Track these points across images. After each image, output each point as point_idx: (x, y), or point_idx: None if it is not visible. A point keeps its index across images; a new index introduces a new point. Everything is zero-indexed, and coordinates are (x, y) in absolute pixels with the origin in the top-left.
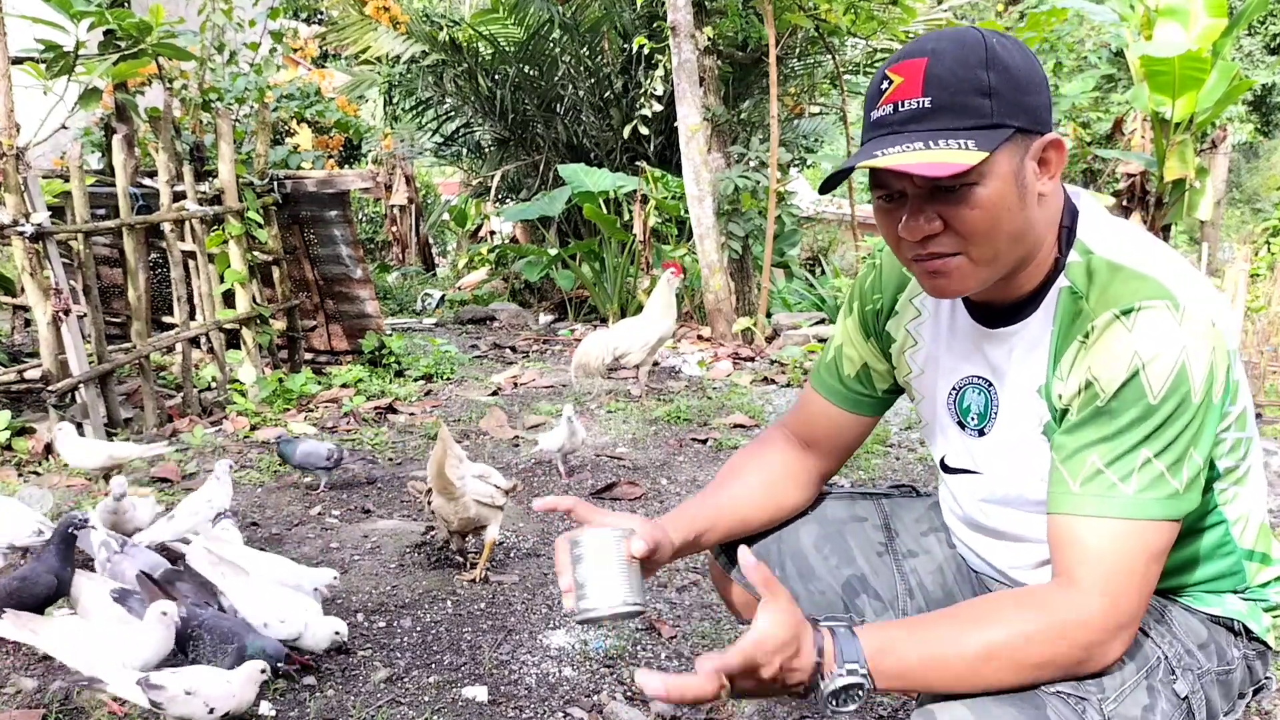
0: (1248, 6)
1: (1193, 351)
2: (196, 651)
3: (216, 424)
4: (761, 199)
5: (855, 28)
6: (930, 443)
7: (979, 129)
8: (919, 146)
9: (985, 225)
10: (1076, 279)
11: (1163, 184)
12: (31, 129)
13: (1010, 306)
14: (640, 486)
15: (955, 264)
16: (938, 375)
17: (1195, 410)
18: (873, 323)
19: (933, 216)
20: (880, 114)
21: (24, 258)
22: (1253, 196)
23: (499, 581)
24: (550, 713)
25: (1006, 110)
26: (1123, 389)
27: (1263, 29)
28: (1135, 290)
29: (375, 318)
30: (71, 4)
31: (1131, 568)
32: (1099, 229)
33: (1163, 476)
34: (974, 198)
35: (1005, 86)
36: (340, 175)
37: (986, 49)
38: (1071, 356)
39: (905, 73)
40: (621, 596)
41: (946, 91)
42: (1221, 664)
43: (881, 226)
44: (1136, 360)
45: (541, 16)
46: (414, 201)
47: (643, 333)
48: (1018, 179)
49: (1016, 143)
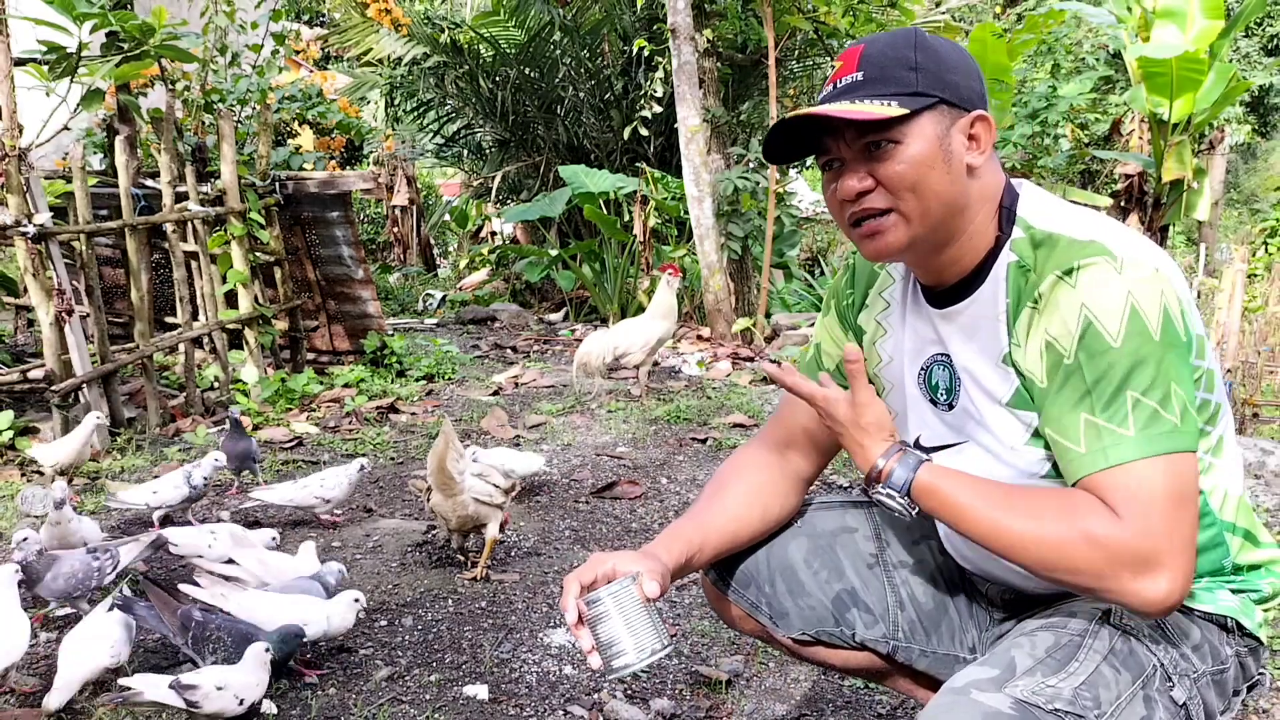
0: (1245, 8)
1: (1140, 295)
2: (217, 654)
3: (219, 424)
4: (761, 200)
5: (854, 30)
6: (903, 430)
7: (903, 94)
8: (845, 103)
9: (911, 179)
10: (1023, 253)
11: (1160, 185)
12: (34, 130)
13: (956, 286)
14: (640, 486)
15: (888, 222)
16: (904, 359)
17: (1159, 347)
18: (849, 316)
19: (865, 175)
20: (823, 93)
21: (27, 258)
22: (1250, 197)
23: (500, 580)
24: (551, 711)
25: (930, 83)
26: (1082, 342)
27: (1260, 30)
28: (1075, 252)
29: (377, 318)
30: (74, 6)
31: (1159, 503)
32: (1037, 207)
33: (1156, 412)
34: (899, 154)
35: (930, 64)
36: (342, 176)
37: (916, 35)
38: (1026, 323)
39: (845, 58)
40: (652, 645)
41: (876, 66)
42: (1215, 664)
43: (827, 200)
44: (1085, 312)
45: (542, 19)
46: (415, 202)
47: (643, 333)
48: (942, 145)
49: (941, 112)
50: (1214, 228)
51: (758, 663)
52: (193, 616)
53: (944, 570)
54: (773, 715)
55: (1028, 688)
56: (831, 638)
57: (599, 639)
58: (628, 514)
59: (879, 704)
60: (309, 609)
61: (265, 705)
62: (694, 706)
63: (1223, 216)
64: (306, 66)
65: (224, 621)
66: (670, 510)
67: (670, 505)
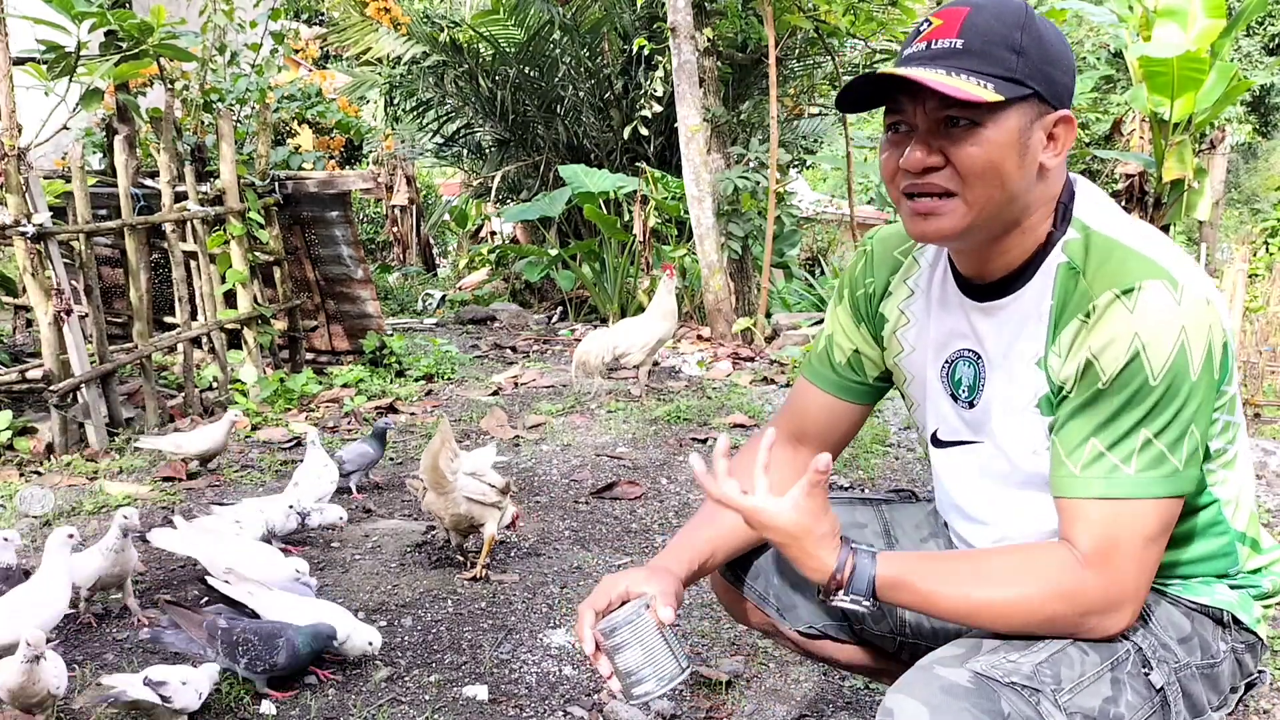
0: (1246, 7)
1: (1191, 330)
2: (248, 656)
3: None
4: (761, 199)
5: (854, 29)
6: (920, 422)
7: (1001, 78)
8: (942, 73)
9: (983, 167)
10: (1074, 255)
11: (1161, 184)
12: (33, 130)
13: (1000, 281)
14: (640, 486)
15: (947, 206)
16: (928, 350)
17: (1193, 387)
18: (865, 307)
19: (936, 150)
20: (912, 50)
21: (26, 258)
22: (1251, 197)
23: (499, 581)
24: (550, 712)
25: (1029, 72)
26: (1123, 371)
27: (1261, 30)
28: (1134, 269)
29: (376, 318)
30: (73, 5)
31: (1132, 545)
32: (1095, 208)
33: (1163, 455)
34: (979, 137)
35: (1034, 51)
36: (341, 176)
37: (1026, 14)
38: (1072, 334)
39: (946, 17)
40: (670, 672)
41: (979, 38)
42: (1205, 657)
43: (883, 160)
44: (1137, 342)
45: (542, 18)
46: (415, 202)
47: (643, 333)
48: (1023, 138)
49: (1031, 105)
50: (1215, 227)
51: (758, 663)
52: (218, 625)
53: None
54: (773, 716)
55: (988, 663)
56: (838, 632)
57: (618, 668)
58: (627, 514)
59: (879, 704)
60: (339, 616)
61: (264, 706)
62: (694, 707)
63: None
64: (305, 66)
65: (248, 624)
66: (670, 510)
67: (670, 505)
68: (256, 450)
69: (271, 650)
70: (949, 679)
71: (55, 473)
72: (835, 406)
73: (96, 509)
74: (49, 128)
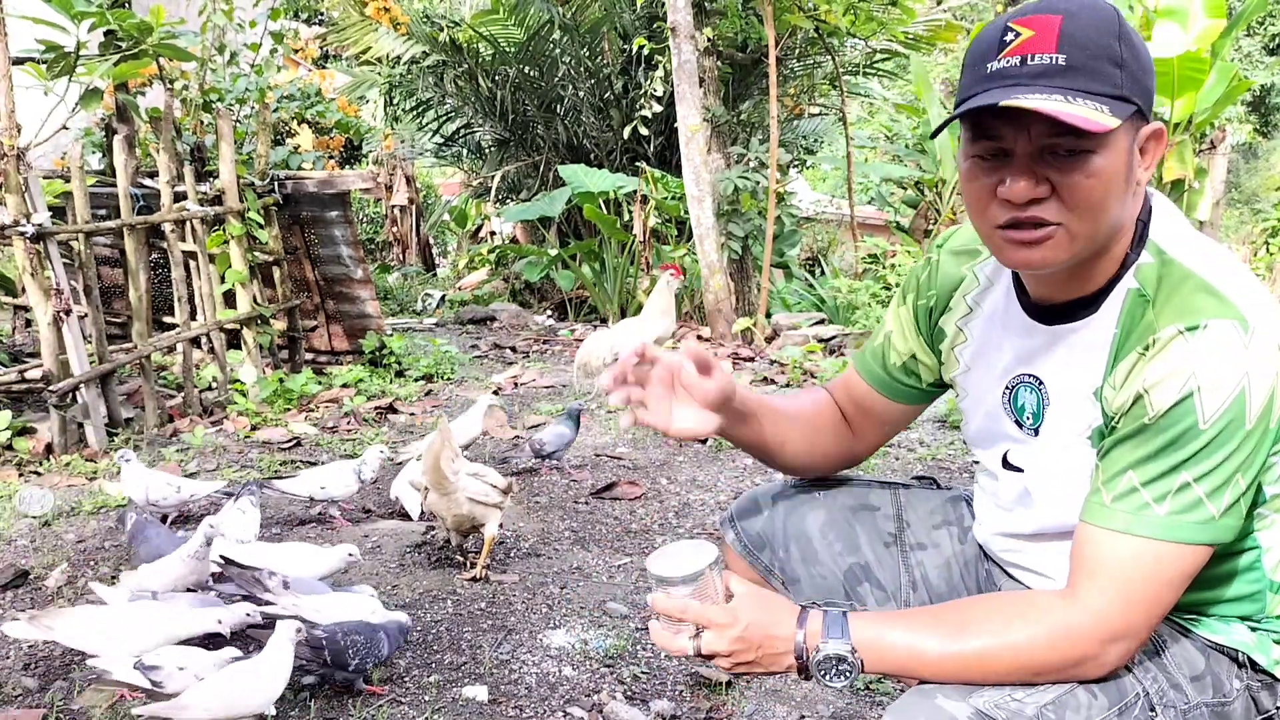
0: (1246, 7)
1: (1255, 377)
2: (359, 656)
3: (217, 424)
4: (761, 199)
5: (855, 29)
6: (981, 444)
7: (1111, 97)
8: (1058, 98)
9: (1096, 197)
10: (1146, 282)
11: (1161, 184)
12: (32, 129)
13: (1071, 303)
14: (640, 486)
15: (1052, 235)
16: (989, 373)
17: (1246, 436)
18: (925, 318)
19: (1042, 179)
20: (1002, 65)
21: (25, 258)
22: (1251, 197)
23: (499, 581)
24: (550, 712)
25: (1132, 86)
26: (1171, 410)
27: (1261, 29)
28: (1204, 305)
29: (376, 318)
30: (72, 5)
31: (1143, 588)
32: (1173, 231)
33: (1200, 501)
34: (1091, 166)
35: (1134, 63)
36: (341, 176)
37: (1119, 21)
38: (1129, 365)
39: (1036, 27)
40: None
41: (1084, 53)
42: (1217, 696)
43: (971, 188)
44: (1193, 382)
45: (542, 17)
46: (414, 202)
47: (642, 333)
48: (1130, 158)
49: (1134, 122)
50: (1215, 228)
51: None
52: (318, 636)
53: (960, 558)
54: (773, 716)
55: (992, 700)
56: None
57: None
58: (627, 515)
59: (880, 704)
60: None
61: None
62: (694, 708)
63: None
64: (305, 65)
65: (346, 626)
66: (670, 510)
67: (670, 505)
68: (256, 450)
69: (376, 646)
70: (949, 712)
71: (54, 473)
72: (882, 405)
73: (96, 509)
74: (48, 128)
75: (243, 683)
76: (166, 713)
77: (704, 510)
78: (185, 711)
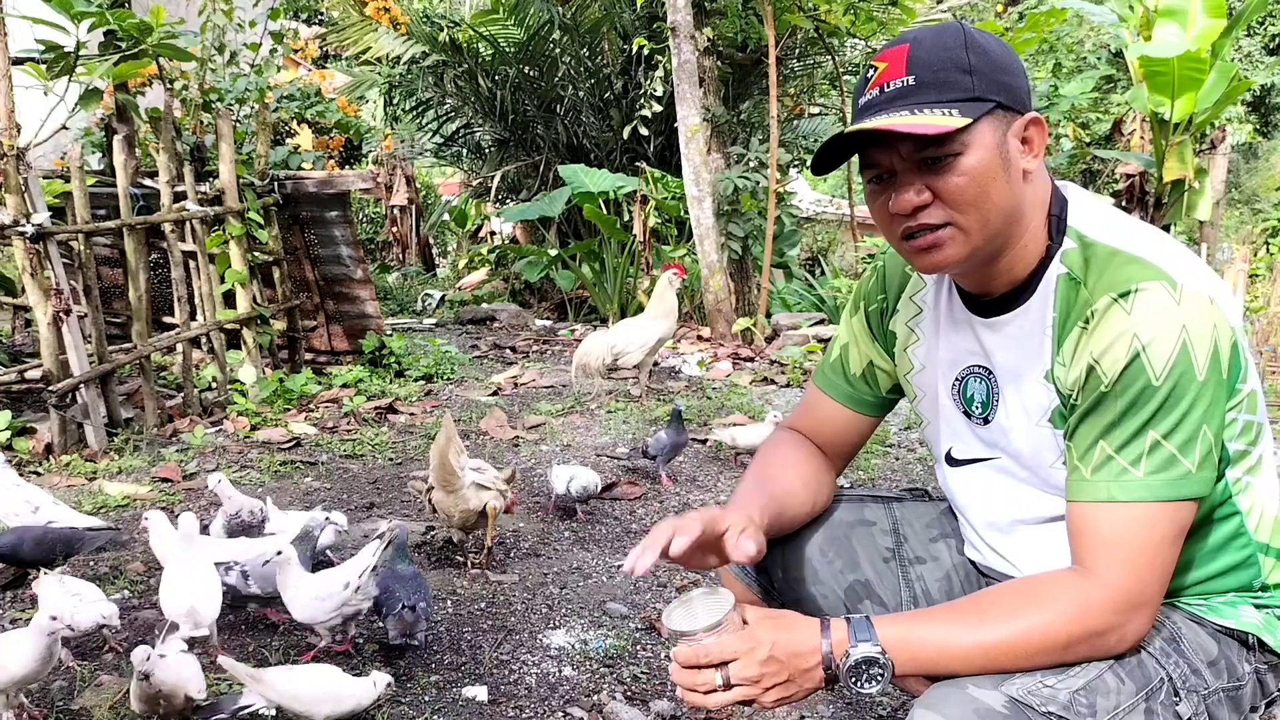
0: (1247, 7)
1: (1194, 329)
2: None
3: (217, 424)
4: (761, 199)
5: (855, 28)
6: (933, 440)
7: (962, 100)
8: (905, 114)
9: (973, 193)
10: (1074, 266)
11: (1161, 185)
12: (32, 129)
13: (1003, 296)
14: (640, 486)
15: (945, 235)
16: (938, 368)
17: (1200, 387)
18: (877, 322)
19: (921, 188)
20: (867, 98)
21: (25, 258)
22: (1251, 197)
23: (499, 581)
24: (550, 712)
25: (987, 86)
26: (1124, 372)
27: (1261, 29)
28: (1132, 273)
29: (376, 318)
30: (72, 4)
31: (1144, 551)
32: (1091, 216)
33: (1174, 457)
34: (960, 166)
35: (984, 65)
36: (341, 176)
37: (965, 33)
38: (1074, 342)
39: (889, 59)
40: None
41: (929, 69)
42: (1231, 680)
43: (873, 211)
44: (1136, 343)
45: (542, 17)
46: (414, 202)
47: (642, 333)
48: (1001, 151)
49: (998, 117)
50: (1215, 228)
51: None
52: (401, 615)
53: (960, 569)
54: (773, 716)
55: (1024, 687)
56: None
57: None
58: (627, 515)
59: (879, 704)
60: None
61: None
62: (694, 708)
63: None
64: (305, 65)
65: (408, 600)
66: (670, 511)
67: (670, 506)
68: (255, 451)
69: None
70: (982, 701)
71: (54, 473)
72: (848, 419)
73: (95, 509)
74: (48, 128)
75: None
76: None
77: None
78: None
